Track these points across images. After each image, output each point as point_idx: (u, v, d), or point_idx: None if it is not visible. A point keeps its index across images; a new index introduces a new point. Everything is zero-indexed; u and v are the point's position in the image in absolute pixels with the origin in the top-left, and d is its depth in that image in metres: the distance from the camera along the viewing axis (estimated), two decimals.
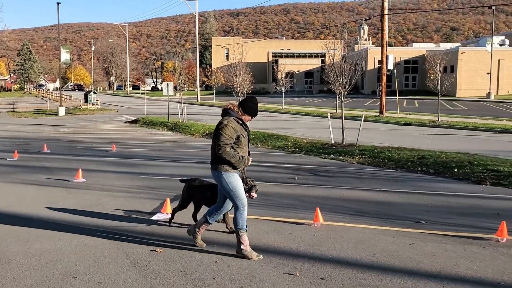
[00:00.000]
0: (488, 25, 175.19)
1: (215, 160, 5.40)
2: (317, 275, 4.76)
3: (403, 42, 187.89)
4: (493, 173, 10.23)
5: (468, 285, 4.52)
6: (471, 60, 59.57)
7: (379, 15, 33.21)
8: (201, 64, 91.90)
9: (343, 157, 13.69)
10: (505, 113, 33.65)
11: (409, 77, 71.31)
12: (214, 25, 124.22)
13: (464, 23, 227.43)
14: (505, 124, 24.13)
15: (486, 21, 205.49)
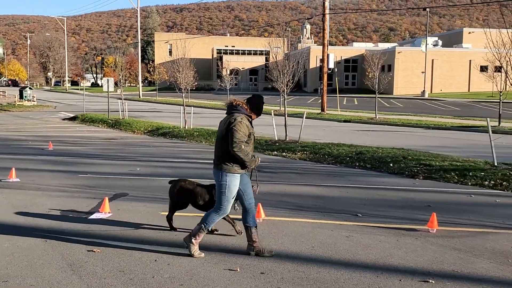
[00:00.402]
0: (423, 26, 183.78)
1: (222, 158, 5.06)
2: (257, 269, 4.82)
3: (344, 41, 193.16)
4: (425, 167, 10.76)
5: (400, 274, 4.74)
6: (407, 59, 62.21)
7: (321, 14, 33.96)
8: (143, 60, 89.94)
9: (286, 153, 13.91)
10: (438, 110, 35.46)
11: (349, 75, 73.44)
12: (157, 20, 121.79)
13: (401, 23, 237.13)
14: (438, 121, 25.45)
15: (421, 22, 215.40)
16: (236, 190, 5.13)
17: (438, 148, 14.59)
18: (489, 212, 7.23)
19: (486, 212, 7.22)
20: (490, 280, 4.60)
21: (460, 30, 74.19)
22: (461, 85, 62.88)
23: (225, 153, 5.03)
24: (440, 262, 5.06)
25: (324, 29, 33.01)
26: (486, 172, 9.88)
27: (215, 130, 19.60)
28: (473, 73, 58.42)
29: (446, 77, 62.69)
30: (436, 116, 28.96)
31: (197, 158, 13.31)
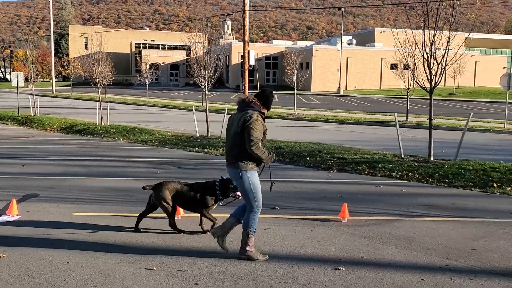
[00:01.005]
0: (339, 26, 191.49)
1: (238, 157, 4.94)
2: (174, 267, 4.80)
3: (265, 38, 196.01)
4: (339, 160, 11.28)
5: (313, 263, 4.94)
6: (324, 57, 64.51)
7: (241, 11, 34.20)
8: (57, 54, 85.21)
9: (208, 149, 13.90)
10: (352, 106, 37.18)
11: (270, 72, 74.73)
12: (71, 12, 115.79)
13: (319, 22, 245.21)
14: (352, 116, 26.70)
15: (337, 21, 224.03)
16: (259, 183, 5.06)
17: (351, 142, 15.33)
18: (396, 201, 7.74)
19: (393, 201, 7.73)
20: (395, 265, 4.93)
21: (373, 29, 78.17)
22: (374, 82, 66.40)
23: (242, 151, 4.92)
24: (350, 250, 5.35)
25: (245, 25, 33.24)
26: (394, 164, 10.55)
27: (133, 126, 19.12)
28: (384, 71, 61.98)
29: (359, 74, 65.85)
30: (350, 112, 30.36)
31: (114, 156, 12.91)
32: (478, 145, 15.55)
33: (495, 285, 4.41)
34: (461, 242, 5.64)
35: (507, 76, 21.01)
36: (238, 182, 5.07)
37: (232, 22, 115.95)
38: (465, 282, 4.48)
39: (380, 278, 4.56)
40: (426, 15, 11.07)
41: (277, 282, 4.43)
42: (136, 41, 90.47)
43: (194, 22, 67.24)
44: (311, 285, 4.37)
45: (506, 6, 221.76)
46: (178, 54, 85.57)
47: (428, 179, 9.45)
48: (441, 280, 4.52)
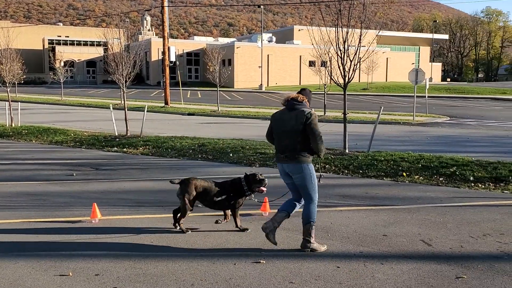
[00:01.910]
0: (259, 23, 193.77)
1: (299, 152, 5.18)
2: (91, 272, 4.63)
3: (186, 35, 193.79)
4: (261, 155, 11.48)
5: (235, 258, 5.00)
6: (245, 54, 65.12)
7: (160, 6, 33.51)
8: None
9: (127, 148, 13.53)
10: (274, 102, 37.90)
11: (192, 69, 74.10)
12: None
13: (239, 19, 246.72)
14: (273, 112, 27.19)
15: (257, 18, 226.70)
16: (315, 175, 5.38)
17: None
18: None
19: None
20: (313, 255, 5.12)
21: (291, 27, 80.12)
22: (293, 79, 68.16)
23: (304, 146, 5.19)
24: (271, 243, 5.46)
25: (164, 21, 32.70)
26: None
27: (47, 127, 18.11)
28: (303, 68, 63.77)
29: (280, 71, 67.28)
30: (272, 108, 30.94)
31: (26, 158, 12.16)
32: (389, 137, 16.53)
33: (404, 268, 4.73)
34: (373, 229, 5.98)
35: (415, 72, 22.52)
36: (300, 175, 5.28)
37: (152, 17, 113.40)
38: (377, 267, 4.76)
39: (299, 268, 4.71)
40: (339, 14, 11.54)
41: (198, 280, 4.43)
42: (49, 37, 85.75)
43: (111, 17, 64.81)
44: (232, 280, 4.42)
45: (413, 5, 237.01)
46: (95, 51, 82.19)
47: (343, 171, 9.89)
48: (355, 267, 4.76)
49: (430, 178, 9.11)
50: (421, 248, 5.32)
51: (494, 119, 24.14)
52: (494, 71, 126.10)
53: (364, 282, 4.39)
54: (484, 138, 16.76)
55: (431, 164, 9.91)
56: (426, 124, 21.57)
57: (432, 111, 27.43)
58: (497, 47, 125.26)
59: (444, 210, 6.89)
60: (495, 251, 5.18)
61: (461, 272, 4.60)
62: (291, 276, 4.51)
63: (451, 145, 14.45)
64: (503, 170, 9.18)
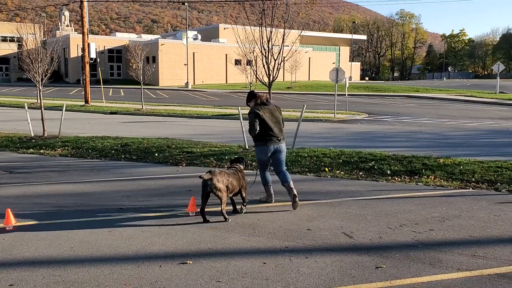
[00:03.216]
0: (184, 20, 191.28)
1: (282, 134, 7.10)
2: (5, 282, 4.32)
3: (107, 31, 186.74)
4: (188, 154, 11.35)
5: (161, 260, 4.89)
6: (170, 51, 64.06)
7: (79, 1, 32.04)
8: None
9: (44, 150, 12.82)
10: (200, 100, 37.69)
11: (114, 66, 71.63)
12: None
13: (164, 16, 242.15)
14: (200, 110, 27.06)
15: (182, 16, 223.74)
16: None
17: (200, 136, 15.54)
18: None
19: None
20: (240, 252, 5.15)
21: (217, 25, 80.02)
22: (220, 77, 68.16)
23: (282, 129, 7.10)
24: (197, 243, 5.42)
25: (83, 16, 31.33)
26: (239, 155, 10.97)
27: None
28: (229, 66, 64.00)
29: (206, 69, 66.96)
30: (199, 106, 30.72)
31: None
32: (312, 133, 17.03)
33: (327, 261, 4.89)
34: (298, 224, 6.13)
35: (335, 71, 23.38)
36: (285, 151, 7.15)
37: (70, 12, 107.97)
38: (302, 261, 4.87)
39: (226, 266, 4.72)
40: (263, 13, 11.70)
41: (122, 285, 4.29)
42: None
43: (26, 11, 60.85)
44: (158, 283, 4.33)
45: (334, 6, 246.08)
46: (8, 47, 76.71)
47: (270, 168, 10.02)
48: (281, 262, 4.85)
49: (351, 172, 9.50)
50: (343, 240, 5.53)
51: (409, 116, 25.69)
52: (408, 70, 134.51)
53: (290, 277, 4.48)
54: (399, 133, 17.78)
55: (351, 159, 10.33)
56: (346, 121, 22.48)
57: (352, 108, 28.66)
58: (411, 48, 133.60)
59: (364, 203, 7.21)
60: (410, 241, 5.50)
61: (380, 262, 4.83)
62: (218, 275, 4.50)
63: (370, 141, 15.17)
64: (417, 163, 9.78)
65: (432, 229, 5.91)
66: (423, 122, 22.30)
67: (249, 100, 7.25)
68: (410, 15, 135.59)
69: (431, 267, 4.71)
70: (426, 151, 11.94)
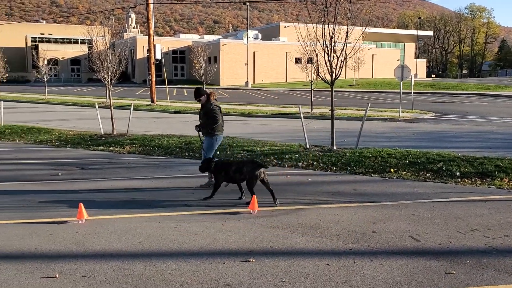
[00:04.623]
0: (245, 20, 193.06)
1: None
2: (78, 273, 4.55)
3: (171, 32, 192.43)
4: (248, 153, 11.44)
5: (224, 257, 4.95)
6: (231, 51, 64.89)
7: (145, 3, 33.20)
8: None
9: (113, 147, 13.38)
10: (260, 99, 37.87)
11: (178, 66, 73.65)
12: None
13: (225, 16, 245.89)
14: (260, 109, 27.19)
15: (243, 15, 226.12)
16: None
17: (259, 134, 15.61)
18: (302, 190, 8.01)
19: (300, 190, 7.99)
20: (303, 252, 5.10)
21: (277, 24, 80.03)
22: (280, 76, 68.15)
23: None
24: (260, 241, 5.44)
25: (149, 18, 32.40)
26: (300, 154, 10.92)
27: (30, 126, 17.84)
28: (289, 65, 63.72)
29: (266, 68, 67.18)
30: (258, 105, 30.90)
31: (9, 158, 11.95)
32: (377, 133, 16.60)
33: (393, 264, 4.73)
34: (362, 226, 5.98)
35: (400, 68, 22.64)
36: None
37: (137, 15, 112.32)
38: (367, 264, 4.75)
39: (289, 266, 4.69)
40: (326, 10, 11.52)
41: (187, 280, 4.38)
42: (32, 35, 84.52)
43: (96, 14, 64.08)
44: (221, 280, 4.38)
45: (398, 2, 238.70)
46: (79, 48, 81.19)
47: (331, 168, 9.90)
48: (345, 264, 4.75)
49: (418, 174, 9.15)
50: (410, 244, 5.33)
51: (479, 115, 24.40)
52: (478, 67, 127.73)
53: (355, 279, 4.38)
54: (469, 133, 16.93)
55: (418, 160, 9.96)
56: (412, 120, 21.72)
57: (418, 107, 27.66)
58: (481, 43, 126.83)
59: (432, 206, 6.92)
60: (483, 246, 5.21)
61: (450, 268, 4.61)
62: (281, 275, 4.48)
63: (437, 141, 14.56)
64: (489, 165, 9.26)
65: (507, 235, 5.56)
66: (495, 122, 21.09)
67: (200, 95, 8.28)
68: (481, 9, 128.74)
69: (507, 275, 4.43)
70: (498, 152, 11.28)
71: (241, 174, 7.11)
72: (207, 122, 8.13)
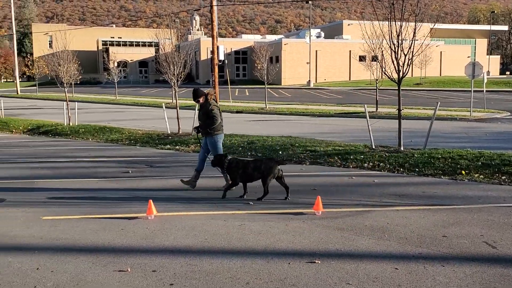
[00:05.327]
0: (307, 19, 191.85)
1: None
2: (149, 268, 4.72)
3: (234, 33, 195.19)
4: (311, 153, 11.34)
5: (289, 258, 4.94)
6: (293, 51, 64.73)
7: (209, 6, 33.90)
8: (20, 53, 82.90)
9: (179, 146, 13.77)
10: (322, 99, 37.48)
11: (240, 67, 74.56)
12: (34, 10, 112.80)
13: (287, 16, 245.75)
14: (322, 109, 26.91)
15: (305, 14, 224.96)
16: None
17: (322, 134, 15.44)
18: (368, 192, 7.83)
19: (366, 192, 7.81)
20: (370, 255, 4.98)
21: (340, 22, 78.85)
22: (343, 74, 67.09)
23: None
24: (325, 243, 5.37)
25: (213, 20, 32.96)
26: (365, 155, 10.67)
27: (102, 125, 18.77)
28: (353, 63, 62.63)
29: (329, 67, 66.40)
30: (321, 104, 30.59)
31: (83, 156, 12.63)
32: (446, 133, 15.90)
33: (467, 271, 4.51)
34: (432, 230, 5.75)
35: (472, 65, 21.55)
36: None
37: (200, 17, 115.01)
38: (437, 269, 4.55)
39: (355, 269, 4.59)
40: (392, 7, 11.19)
41: (253, 279, 4.41)
42: (103, 39, 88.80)
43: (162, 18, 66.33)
44: (287, 280, 4.37)
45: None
46: (147, 51, 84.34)
47: (399, 169, 9.60)
48: (414, 269, 4.58)
49: (491, 176, 8.66)
50: (484, 250, 5.05)
51: None
52: None
53: (425, 285, 4.21)
54: None
55: (492, 161, 9.42)
56: (484, 120, 20.60)
57: (491, 106, 26.19)
58: None
59: (508, 211, 6.52)
60: None
61: None
62: (348, 277, 4.40)
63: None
64: None
65: None
66: None
67: (199, 97, 8.31)
68: None
69: None
70: None
71: (259, 172, 7.29)
72: (207, 122, 8.20)
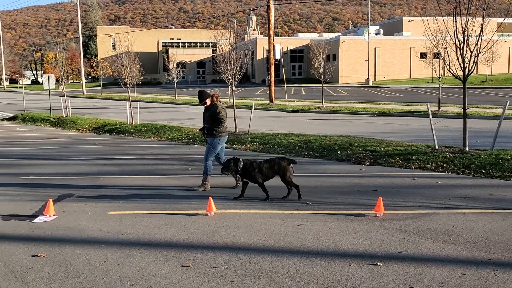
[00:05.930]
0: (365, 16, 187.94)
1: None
2: (210, 264, 4.80)
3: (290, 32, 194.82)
4: (371, 153, 11.09)
5: (350, 259, 4.86)
6: (351, 48, 63.67)
7: (266, 5, 34.02)
8: (86, 55, 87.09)
9: (236, 145, 13.91)
10: (382, 97, 36.58)
11: (296, 65, 74.30)
12: (98, 14, 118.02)
13: (344, 13, 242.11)
14: (382, 108, 26.26)
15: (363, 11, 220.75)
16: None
17: (382, 134, 15.07)
18: (432, 194, 7.55)
19: (429, 194, 7.53)
20: (434, 259, 4.80)
21: (400, 18, 76.64)
22: (403, 72, 65.16)
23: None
24: (387, 245, 5.23)
25: (269, 20, 33.13)
26: (428, 155, 10.30)
27: (163, 124, 19.33)
28: (414, 60, 60.68)
29: (388, 64, 64.73)
30: (380, 103, 29.86)
31: (146, 154, 13.06)
32: None
33: None
34: (502, 235, 5.45)
35: None
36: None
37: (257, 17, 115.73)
38: (509, 277, 4.31)
39: (419, 273, 4.44)
40: (457, 2, 10.72)
41: (313, 279, 4.37)
42: (163, 40, 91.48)
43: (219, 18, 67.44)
44: (348, 281, 4.30)
45: None
46: (204, 52, 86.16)
47: (464, 170, 9.19)
48: (483, 275, 4.37)
49: None
50: None
51: None
52: None
53: None
54: None
55: None
56: None
57: None
58: None
59: None
60: None
61: None
62: (412, 281, 4.26)
63: None
64: None
65: None
66: None
67: (205, 98, 8.41)
68: None
69: None
70: None
71: (274, 172, 7.40)
72: (213, 124, 8.22)
